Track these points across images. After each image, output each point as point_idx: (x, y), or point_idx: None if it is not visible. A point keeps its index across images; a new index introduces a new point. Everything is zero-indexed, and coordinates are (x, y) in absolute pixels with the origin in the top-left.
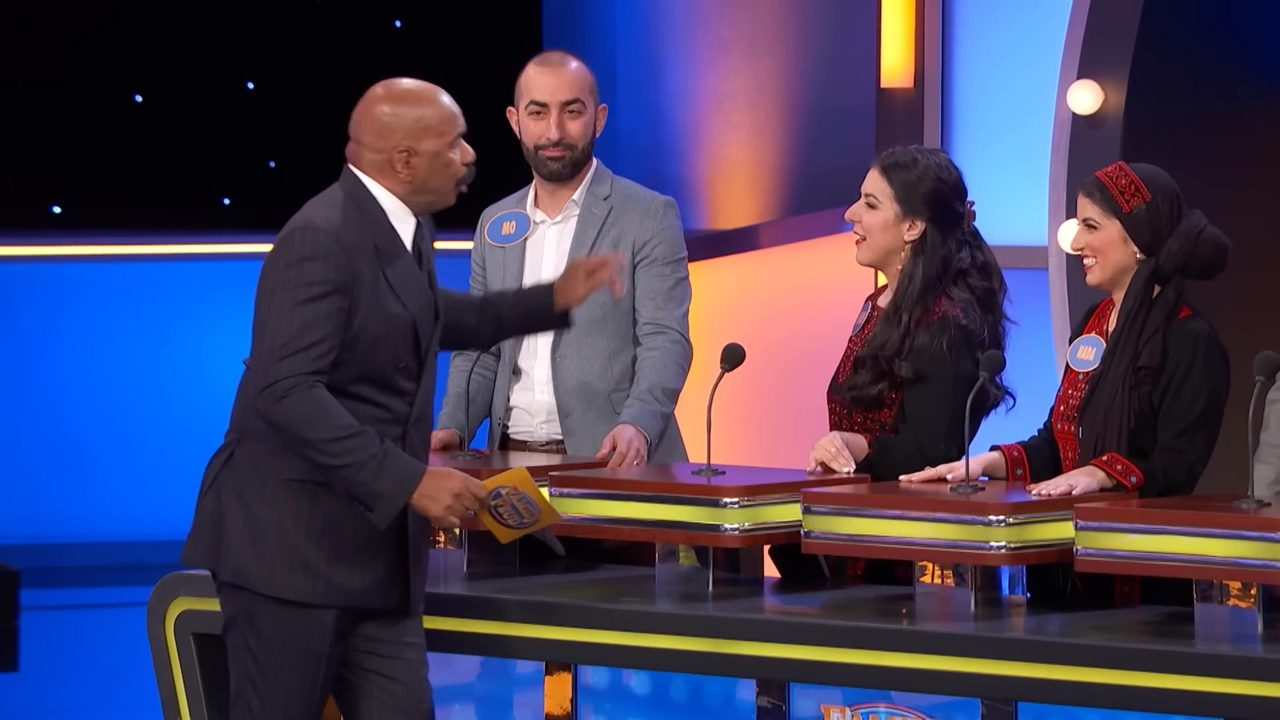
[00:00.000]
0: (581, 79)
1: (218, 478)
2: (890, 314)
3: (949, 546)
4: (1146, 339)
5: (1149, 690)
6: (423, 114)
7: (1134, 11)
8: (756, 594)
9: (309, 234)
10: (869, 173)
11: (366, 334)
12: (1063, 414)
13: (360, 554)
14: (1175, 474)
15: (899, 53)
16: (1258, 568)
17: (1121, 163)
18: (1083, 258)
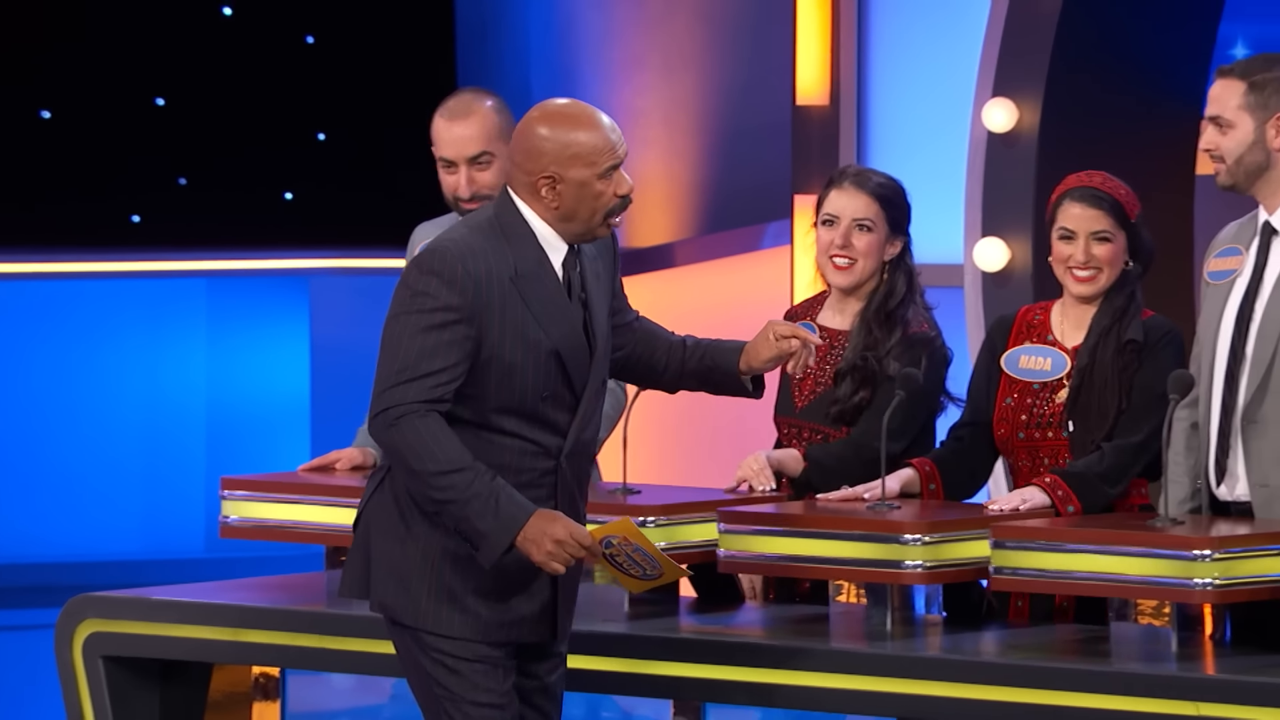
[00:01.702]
0: (488, 128)
1: (367, 506)
2: (861, 330)
3: (865, 565)
4: (1128, 324)
5: (1064, 709)
6: (574, 140)
7: (1048, 30)
8: (672, 613)
9: (435, 256)
10: (858, 198)
11: (500, 363)
12: (1027, 423)
13: (509, 587)
14: (1121, 461)
15: (814, 70)
16: (1171, 586)
17: (1102, 172)
18: (1078, 268)
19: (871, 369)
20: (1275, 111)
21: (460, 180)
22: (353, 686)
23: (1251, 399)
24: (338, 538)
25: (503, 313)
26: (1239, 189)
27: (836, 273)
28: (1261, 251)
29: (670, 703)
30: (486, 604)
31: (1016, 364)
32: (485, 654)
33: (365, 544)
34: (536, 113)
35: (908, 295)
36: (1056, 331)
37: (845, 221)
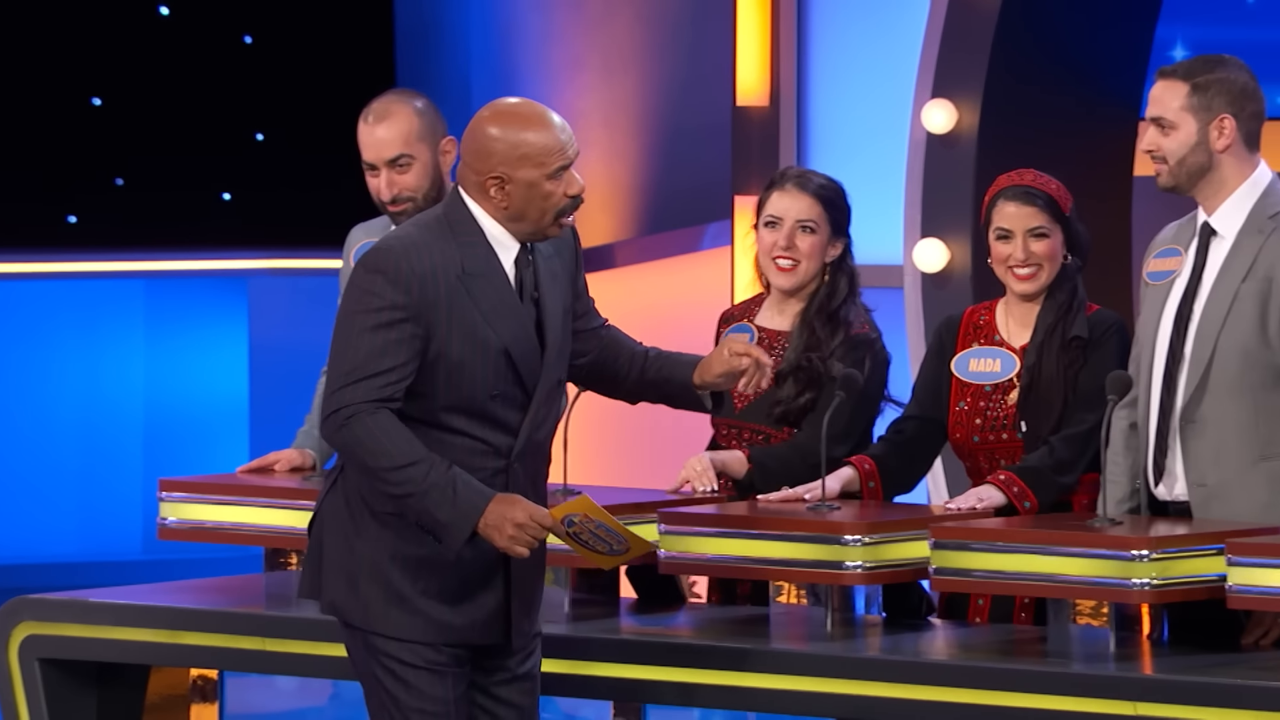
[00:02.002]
0: (408, 130)
1: (321, 507)
2: (802, 331)
3: (805, 566)
4: (1072, 321)
5: (1003, 709)
6: (523, 140)
7: (987, 32)
8: (613, 615)
9: (380, 255)
10: (801, 200)
11: (447, 361)
12: (982, 426)
13: (461, 588)
14: (1072, 450)
15: (754, 72)
16: (1109, 586)
17: (1032, 169)
18: (1018, 267)
19: (816, 370)
20: (1218, 113)
21: (381, 183)
22: (293, 688)
23: (1190, 399)
24: (276, 539)
25: (449, 310)
26: (1180, 190)
27: (780, 274)
28: (1200, 252)
29: (611, 704)
30: (436, 606)
31: (966, 367)
32: (433, 658)
33: (319, 545)
34: (487, 112)
35: (849, 296)
36: (1003, 331)
37: (789, 223)
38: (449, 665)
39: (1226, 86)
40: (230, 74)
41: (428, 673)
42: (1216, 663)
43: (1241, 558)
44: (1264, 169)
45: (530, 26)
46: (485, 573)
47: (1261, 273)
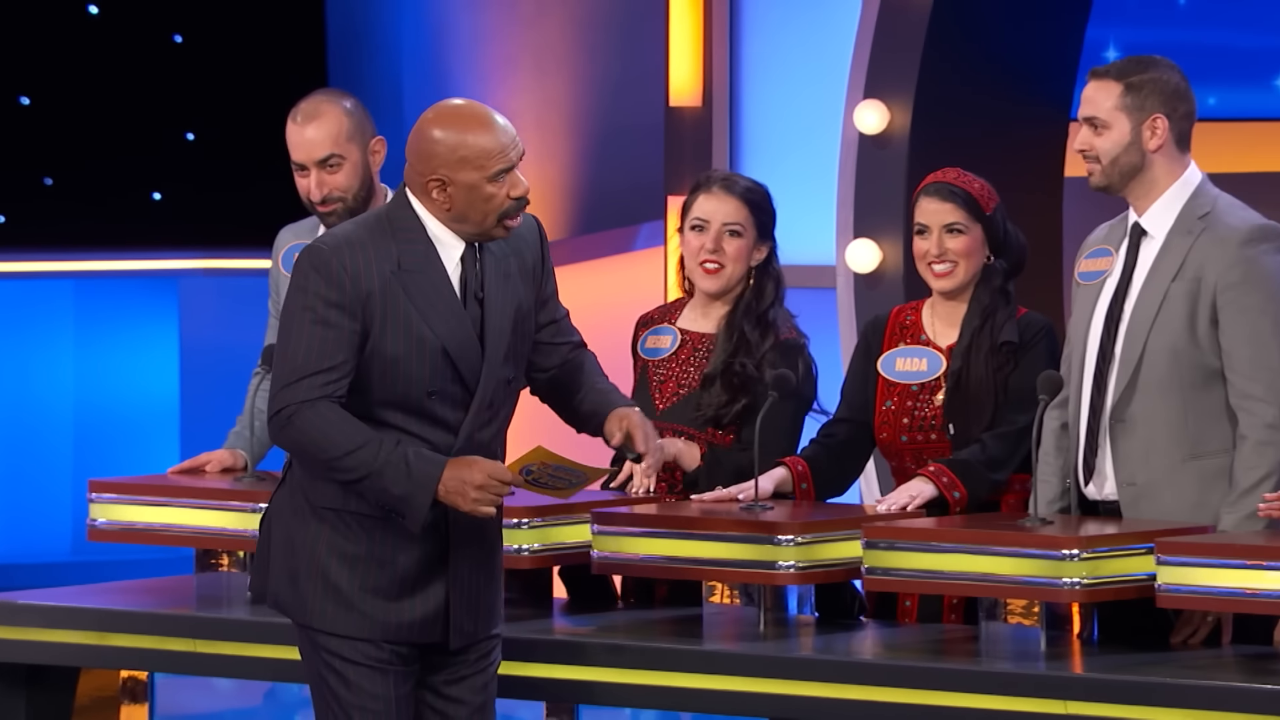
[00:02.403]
0: (334, 131)
1: (271, 503)
2: (729, 334)
3: (738, 566)
4: (1001, 325)
5: (935, 708)
6: (464, 142)
7: (919, 33)
8: (545, 615)
9: (315, 253)
10: (727, 203)
11: (381, 356)
12: (909, 426)
13: (400, 586)
14: (1004, 448)
15: (687, 72)
16: (1040, 585)
17: (957, 168)
18: (934, 262)
19: (749, 375)
20: (1151, 113)
21: (310, 183)
22: (226, 689)
23: (1120, 398)
24: (207, 540)
25: (384, 306)
26: (1112, 190)
27: (706, 278)
28: (1131, 252)
29: (543, 705)
30: (375, 603)
31: (893, 367)
32: (374, 655)
33: (266, 541)
34: (431, 113)
35: (775, 300)
36: (929, 331)
37: (715, 226)
38: (391, 662)
39: (1159, 87)
40: (160, 74)
41: (368, 669)
42: (1146, 661)
43: (1171, 557)
44: (1194, 169)
45: (462, 27)
46: (426, 572)
47: (1191, 273)
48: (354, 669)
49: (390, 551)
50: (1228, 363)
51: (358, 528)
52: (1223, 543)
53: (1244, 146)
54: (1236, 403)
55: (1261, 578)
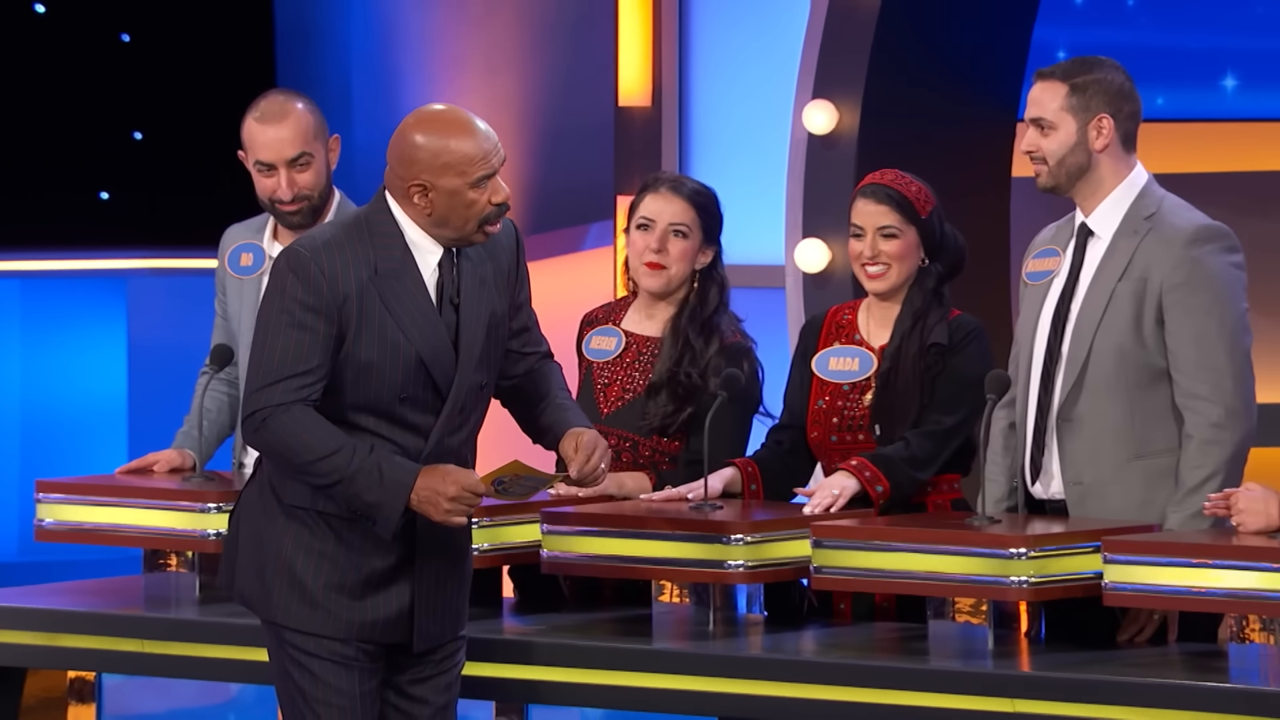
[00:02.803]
0: (304, 128)
1: (240, 500)
2: (674, 340)
3: (687, 565)
4: (932, 327)
5: (884, 707)
6: (445, 148)
7: (867, 34)
8: (495, 615)
9: (292, 255)
10: (674, 203)
11: (355, 360)
12: (838, 425)
13: (365, 586)
14: (928, 446)
15: (636, 72)
16: (988, 584)
17: (895, 169)
18: (868, 264)
19: (695, 383)
20: (1096, 113)
21: (280, 182)
22: (174, 689)
23: (1067, 398)
24: (155, 540)
25: (360, 310)
26: (1060, 190)
27: (649, 276)
28: (1078, 252)
29: (493, 704)
30: (340, 601)
31: (826, 365)
32: (340, 652)
33: (234, 536)
34: (413, 118)
35: (720, 305)
36: (863, 331)
37: (661, 225)
38: (356, 659)
39: (1104, 87)
40: (108, 73)
41: (333, 665)
42: (1093, 659)
43: (1117, 555)
44: (1140, 170)
45: (411, 26)
46: (392, 573)
47: (1137, 273)
48: (319, 664)
49: (357, 552)
50: (1173, 363)
51: (325, 527)
52: (1169, 541)
53: (1191, 147)
54: (1182, 402)
55: (1207, 576)
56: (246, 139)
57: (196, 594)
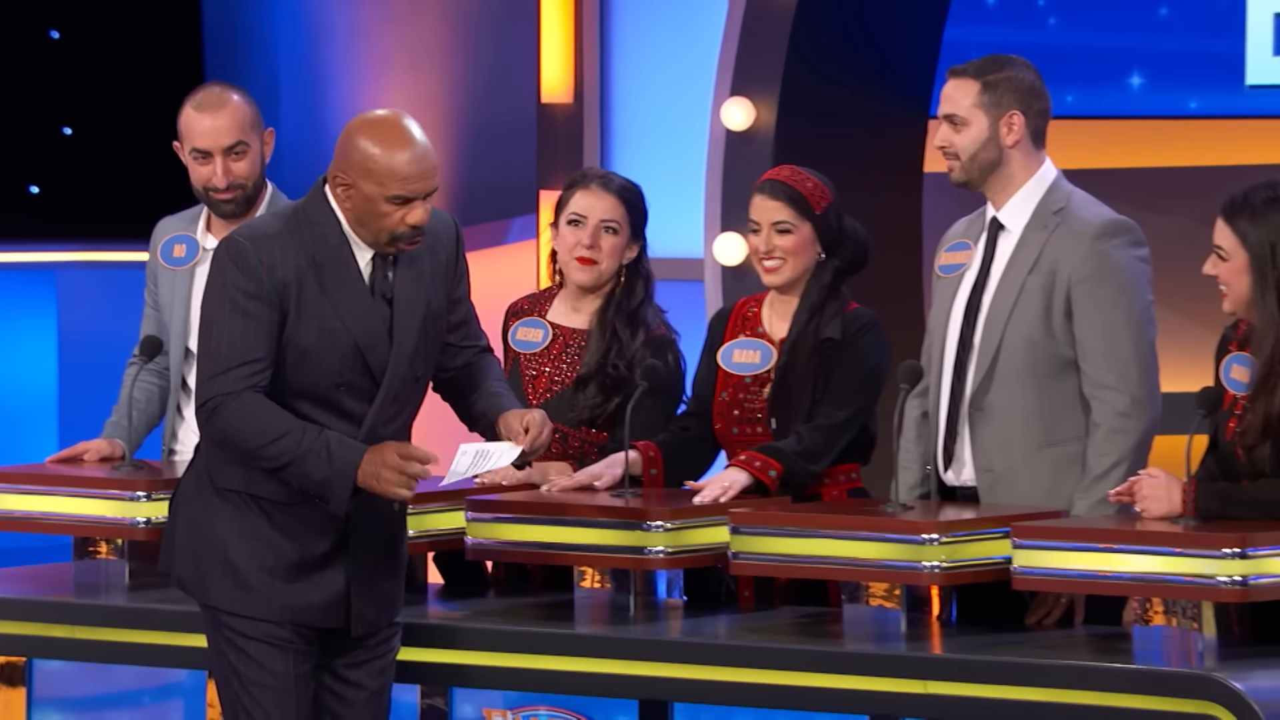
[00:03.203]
0: (242, 118)
1: (179, 486)
2: (601, 332)
3: (608, 552)
4: (828, 321)
5: (800, 689)
6: (374, 156)
7: (783, 32)
8: (420, 601)
9: (233, 246)
10: (604, 200)
11: (294, 347)
12: (739, 418)
13: (298, 570)
14: (820, 439)
15: (558, 69)
16: (901, 569)
17: (793, 166)
18: (764, 259)
19: (622, 375)
20: (1007, 110)
21: (216, 170)
22: (104, 674)
23: (978, 387)
24: (85, 528)
25: (299, 297)
26: (972, 185)
27: (580, 271)
28: (989, 246)
29: (418, 687)
30: (273, 584)
31: (730, 358)
32: (274, 634)
33: (173, 520)
34: (362, 119)
35: (646, 297)
36: (766, 324)
37: (592, 222)
38: (291, 642)
39: (1015, 84)
40: (37, 69)
41: (268, 647)
42: (1002, 642)
43: (1026, 541)
44: (1049, 166)
45: (337, 24)
46: (325, 558)
47: (1046, 266)
48: (254, 645)
49: (290, 536)
50: (1081, 353)
51: (258, 511)
52: (1075, 527)
53: (1100, 143)
54: (1089, 392)
55: (1112, 560)
56: (184, 127)
57: (126, 580)
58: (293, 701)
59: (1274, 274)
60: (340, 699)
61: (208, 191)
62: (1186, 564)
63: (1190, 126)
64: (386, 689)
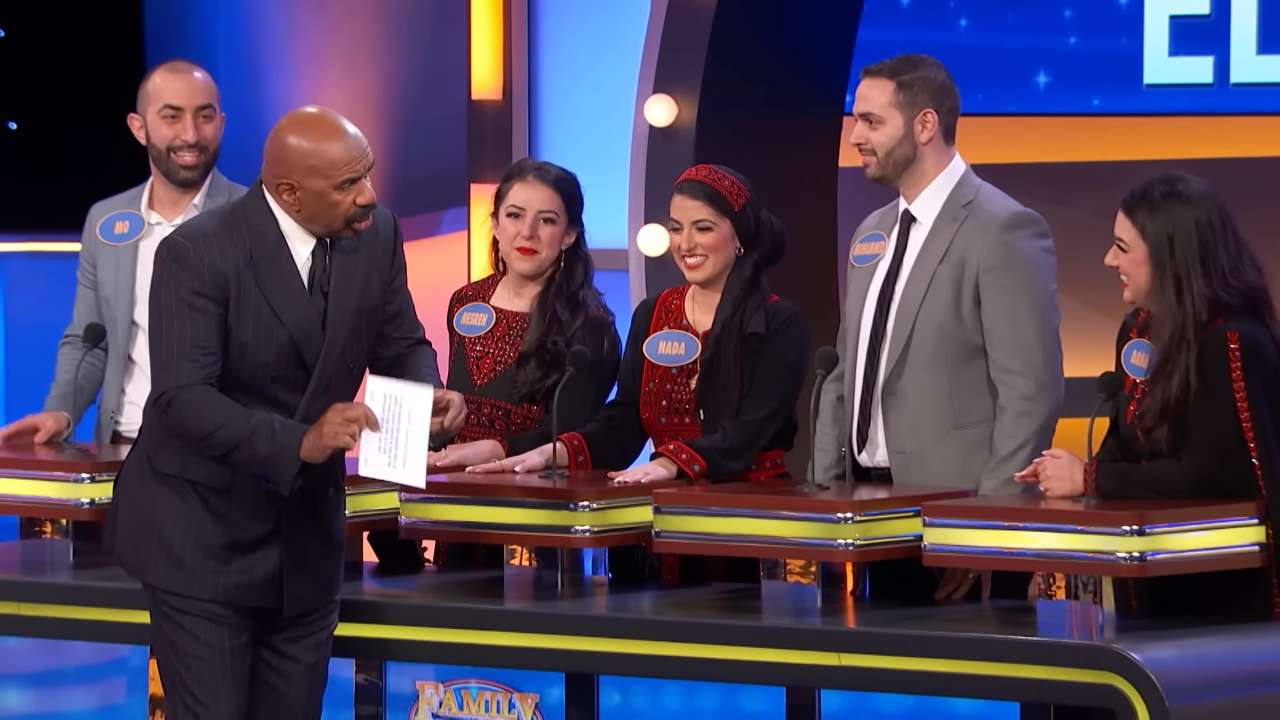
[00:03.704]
0: (210, 85)
1: (123, 466)
2: (542, 313)
3: (537, 531)
4: (751, 314)
5: (720, 661)
6: (312, 151)
7: (704, 32)
8: (356, 578)
9: (174, 247)
10: (542, 191)
11: (234, 341)
12: (667, 408)
13: (230, 549)
14: (744, 437)
15: (488, 67)
16: (818, 547)
17: (710, 165)
18: (687, 256)
19: (560, 352)
20: (922, 108)
21: (186, 125)
22: (55, 650)
23: (891, 373)
24: (30, 509)
25: (238, 294)
26: (886, 180)
27: (522, 260)
28: (901, 237)
29: (353, 661)
30: (206, 564)
31: (656, 349)
32: (209, 610)
33: (116, 503)
34: (287, 120)
35: (585, 280)
36: (690, 316)
37: (531, 213)
38: (226, 617)
39: (928, 84)
40: None
41: (204, 621)
42: (913, 616)
43: (935, 519)
44: (958, 160)
45: (275, 23)
46: (259, 540)
47: (956, 256)
48: (189, 620)
49: (224, 519)
50: (989, 339)
51: (193, 493)
52: (982, 506)
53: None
54: (997, 376)
55: (1017, 538)
56: (152, 90)
57: (70, 559)
58: (229, 673)
59: (1171, 265)
60: (277, 672)
61: (171, 152)
62: (1087, 541)
63: (1092, 124)
64: (323, 663)
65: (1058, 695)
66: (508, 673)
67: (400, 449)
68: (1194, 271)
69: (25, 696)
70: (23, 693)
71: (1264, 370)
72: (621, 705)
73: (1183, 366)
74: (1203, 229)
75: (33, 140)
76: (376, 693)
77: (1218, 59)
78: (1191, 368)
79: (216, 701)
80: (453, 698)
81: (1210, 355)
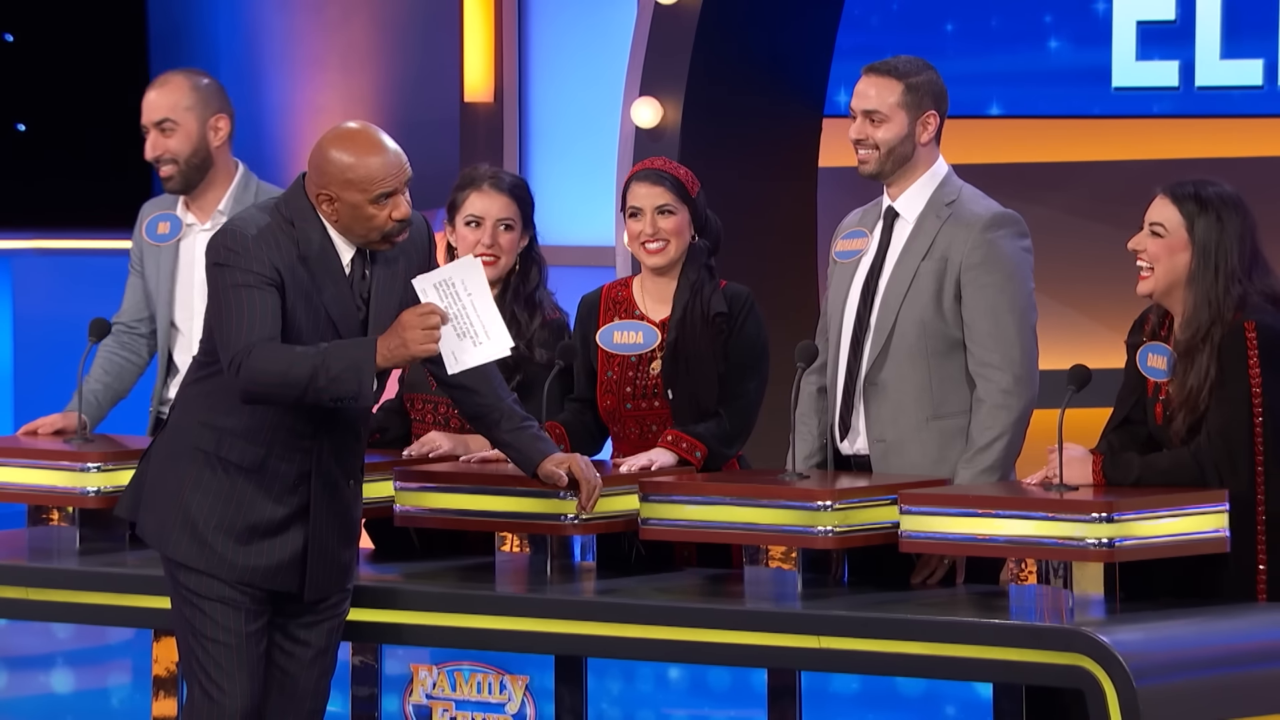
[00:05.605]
0: (174, 97)
1: (153, 442)
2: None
3: (528, 519)
4: (709, 298)
5: (705, 644)
6: (351, 165)
7: (688, 36)
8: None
9: (230, 236)
10: (498, 200)
11: (290, 329)
12: (632, 394)
13: (248, 534)
14: (739, 422)
15: (480, 71)
16: (798, 533)
17: (662, 157)
18: (649, 241)
19: (521, 354)
20: (926, 110)
21: (149, 141)
22: (61, 633)
23: (873, 364)
24: (38, 497)
25: (292, 283)
26: (881, 177)
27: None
28: (885, 234)
29: (350, 645)
30: (227, 543)
31: (611, 339)
32: (226, 593)
33: (141, 477)
34: (331, 133)
35: (539, 282)
36: (641, 306)
37: (490, 222)
38: (244, 601)
39: (932, 87)
40: None
41: (220, 604)
42: (890, 600)
43: (912, 507)
44: (942, 161)
45: (274, 28)
46: (282, 521)
47: (939, 253)
48: (207, 603)
49: (250, 500)
50: (968, 334)
51: (222, 472)
52: (957, 494)
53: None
54: (975, 370)
55: (991, 525)
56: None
57: (76, 546)
58: (245, 657)
59: (1223, 263)
60: (290, 656)
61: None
62: (1058, 528)
63: (1063, 125)
64: (334, 649)
65: (1029, 676)
66: (499, 655)
67: (476, 325)
68: (1238, 273)
69: (15, 678)
70: (14, 674)
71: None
72: (608, 687)
73: (1205, 356)
74: (1247, 234)
75: (42, 141)
76: (372, 674)
77: (1183, 63)
78: (1212, 357)
79: (231, 684)
80: (446, 679)
81: (1229, 344)
